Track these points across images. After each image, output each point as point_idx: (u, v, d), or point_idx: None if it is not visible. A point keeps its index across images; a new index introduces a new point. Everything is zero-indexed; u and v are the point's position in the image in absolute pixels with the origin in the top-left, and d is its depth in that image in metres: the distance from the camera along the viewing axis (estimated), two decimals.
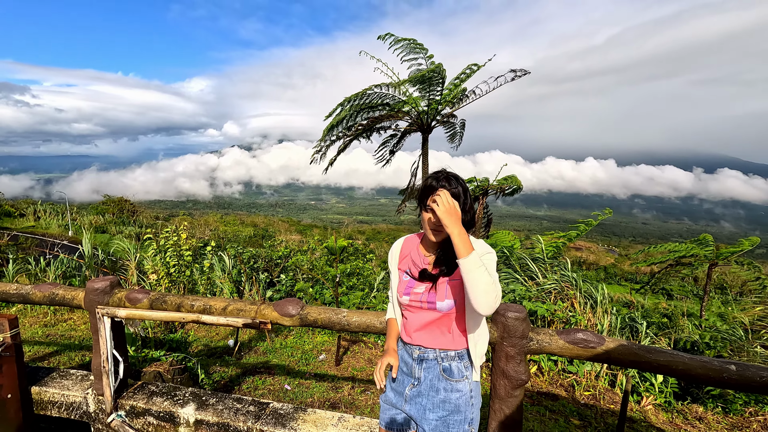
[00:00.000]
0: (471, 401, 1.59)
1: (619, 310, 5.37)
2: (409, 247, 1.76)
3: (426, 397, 1.61)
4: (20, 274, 6.58)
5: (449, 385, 1.58)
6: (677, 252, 8.52)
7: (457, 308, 1.57)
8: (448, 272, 1.56)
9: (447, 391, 1.58)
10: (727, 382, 1.65)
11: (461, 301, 1.56)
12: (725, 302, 10.85)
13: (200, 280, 6.01)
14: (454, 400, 1.58)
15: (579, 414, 3.47)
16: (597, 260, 30.61)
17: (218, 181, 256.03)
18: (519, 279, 5.38)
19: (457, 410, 1.58)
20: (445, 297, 1.56)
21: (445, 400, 1.58)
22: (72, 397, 2.58)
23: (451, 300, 1.56)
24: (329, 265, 5.39)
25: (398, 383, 1.70)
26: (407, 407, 1.66)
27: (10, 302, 2.68)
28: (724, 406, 3.81)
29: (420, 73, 8.95)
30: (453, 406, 1.57)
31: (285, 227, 35.82)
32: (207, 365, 3.77)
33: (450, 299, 1.56)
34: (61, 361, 3.89)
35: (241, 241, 17.69)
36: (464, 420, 1.58)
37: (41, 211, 25.38)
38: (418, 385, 1.63)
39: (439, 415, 1.58)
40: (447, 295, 1.56)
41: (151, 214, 35.60)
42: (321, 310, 2.23)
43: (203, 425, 2.38)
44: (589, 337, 1.84)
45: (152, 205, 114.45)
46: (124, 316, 2.33)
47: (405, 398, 1.66)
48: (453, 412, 1.57)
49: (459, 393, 1.58)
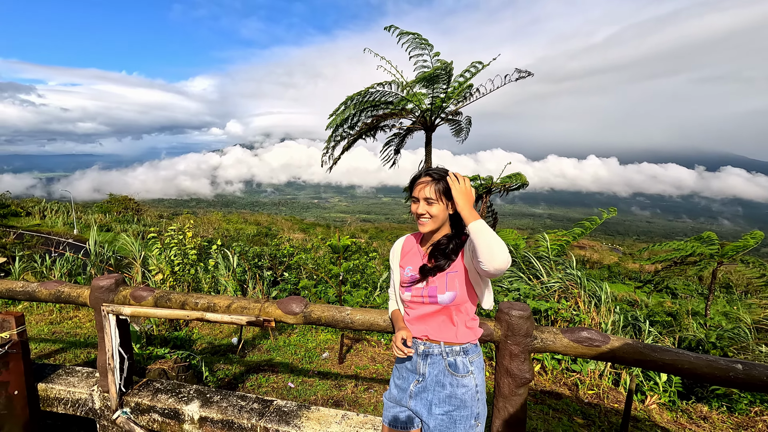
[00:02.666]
0: (477, 396, 1.59)
1: (624, 309, 5.35)
2: (410, 244, 1.78)
3: (432, 392, 1.61)
4: (26, 272, 6.63)
5: (455, 380, 1.58)
6: (681, 250, 8.46)
7: (459, 300, 1.57)
8: (445, 264, 1.58)
9: (453, 386, 1.58)
10: (733, 381, 1.64)
11: (462, 293, 1.57)
12: (730, 301, 10.78)
13: (204, 278, 6.03)
14: (460, 395, 1.58)
15: (583, 413, 3.46)
16: (600, 259, 30.49)
17: (220, 180, 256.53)
18: (523, 277, 5.37)
19: (464, 405, 1.57)
20: (446, 289, 1.57)
21: (451, 395, 1.58)
22: (78, 394, 2.60)
23: (452, 292, 1.57)
24: (333, 263, 5.40)
25: (402, 380, 1.70)
26: (412, 403, 1.66)
27: (16, 300, 2.70)
28: (729, 405, 3.79)
29: (428, 72, 8.92)
30: (459, 401, 1.57)
31: (288, 225, 35.91)
32: (211, 363, 3.79)
33: (451, 291, 1.57)
34: (67, 358, 3.92)
35: (243, 240, 17.74)
36: (471, 415, 1.58)
37: (47, 210, 25.58)
38: (423, 381, 1.63)
39: (445, 410, 1.58)
40: (447, 287, 1.57)
41: (155, 213, 35.78)
42: (325, 308, 2.23)
43: (207, 422, 2.40)
44: (594, 335, 1.83)
45: (155, 203, 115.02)
46: (129, 313, 2.34)
47: (410, 394, 1.66)
48: (459, 407, 1.57)
49: (465, 388, 1.58)
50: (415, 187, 1.61)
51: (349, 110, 9.94)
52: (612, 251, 38.94)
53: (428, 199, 1.57)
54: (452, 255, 1.59)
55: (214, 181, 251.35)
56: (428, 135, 10.52)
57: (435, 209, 1.57)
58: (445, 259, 1.58)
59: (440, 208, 1.58)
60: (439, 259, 1.59)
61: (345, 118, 10.07)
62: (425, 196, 1.57)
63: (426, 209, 1.58)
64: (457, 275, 1.58)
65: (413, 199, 1.63)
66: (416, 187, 1.61)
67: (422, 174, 1.61)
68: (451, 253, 1.59)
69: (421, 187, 1.59)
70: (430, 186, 1.57)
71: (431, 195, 1.56)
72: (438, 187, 1.56)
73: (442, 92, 9.64)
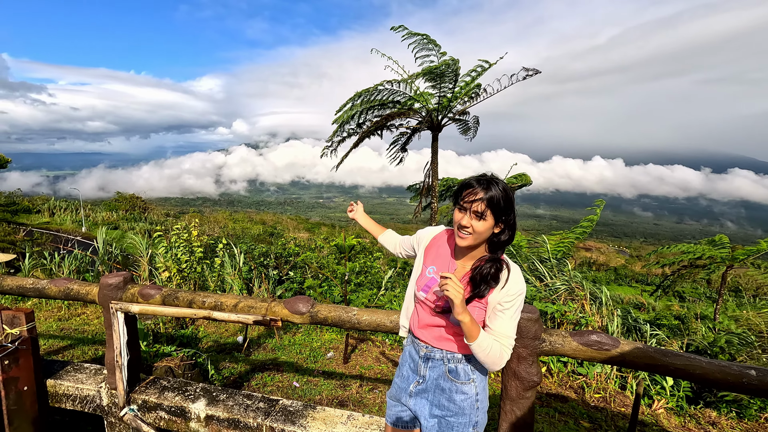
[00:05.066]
0: (476, 404, 1.56)
1: (627, 311, 5.30)
2: (441, 241, 1.67)
3: (432, 394, 1.60)
4: (36, 269, 6.71)
5: (454, 386, 1.55)
6: (691, 253, 8.35)
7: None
8: (485, 291, 1.46)
9: (452, 392, 1.56)
10: (746, 387, 1.61)
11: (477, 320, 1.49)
12: (740, 305, 10.62)
13: (210, 276, 6.07)
14: (459, 402, 1.55)
15: (589, 416, 3.43)
16: (607, 261, 30.20)
17: (224, 179, 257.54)
18: (531, 279, 5.34)
19: (462, 412, 1.55)
20: None
21: (450, 401, 1.56)
22: (86, 391, 2.62)
23: None
24: (338, 263, 5.40)
25: (404, 379, 1.70)
26: (411, 402, 1.66)
27: (26, 296, 2.73)
28: (738, 411, 3.73)
29: (434, 66, 8.87)
30: (457, 408, 1.55)
31: (293, 225, 36.00)
32: (217, 361, 3.80)
33: None
34: (75, 354, 3.96)
35: (248, 239, 17.83)
36: (468, 423, 1.55)
37: (56, 208, 25.91)
38: (423, 383, 1.62)
39: (443, 414, 1.57)
40: None
41: (162, 211, 36.07)
42: (331, 308, 2.23)
43: (213, 420, 2.41)
44: (604, 339, 1.81)
45: (162, 202, 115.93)
46: (137, 311, 2.36)
47: (409, 394, 1.66)
48: (457, 414, 1.55)
49: (464, 395, 1.55)
50: (466, 195, 1.42)
51: (357, 108, 9.92)
52: (619, 253, 38.57)
53: (478, 212, 1.39)
54: (493, 282, 1.45)
55: (219, 179, 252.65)
56: (435, 135, 10.49)
57: (482, 226, 1.41)
58: (486, 286, 1.45)
59: (488, 226, 1.41)
60: (481, 285, 1.46)
61: (352, 116, 10.04)
62: (476, 209, 1.39)
63: (471, 223, 1.41)
64: (479, 307, 1.48)
65: (460, 207, 1.44)
66: (468, 195, 1.42)
67: (479, 182, 1.41)
68: (492, 280, 1.45)
69: (474, 197, 1.39)
70: (484, 200, 1.38)
71: (483, 209, 1.38)
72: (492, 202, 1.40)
73: (449, 91, 9.60)
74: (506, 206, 1.40)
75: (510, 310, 1.45)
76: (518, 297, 1.45)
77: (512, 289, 1.45)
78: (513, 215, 1.43)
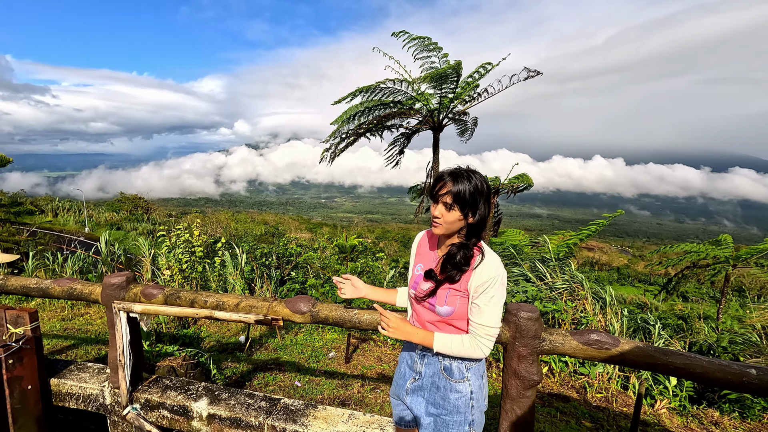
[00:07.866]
0: (471, 403, 1.57)
1: (633, 311, 5.29)
2: (424, 239, 1.75)
3: (428, 391, 1.62)
4: (39, 269, 6.75)
5: (449, 384, 1.57)
6: (694, 253, 8.31)
7: (458, 315, 1.54)
8: (456, 275, 1.50)
9: (447, 390, 1.57)
10: (747, 386, 1.61)
11: (462, 310, 1.53)
12: (743, 305, 10.58)
13: (212, 276, 6.09)
14: (453, 401, 1.56)
15: (591, 416, 3.42)
16: (610, 261, 30.11)
17: (224, 179, 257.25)
18: (532, 278, 5.33)
19: (456, 411, 1.56)
20: (444, 303, 1.53)
21: (445, 399, 1.57)
22: (89, 390, 2.64)
23: (450, 307, 1.52)
24: (340, 263, 5.41)
25: (401, 375, 1.73)
26: (408, 399, 1.68)
27: (30, 296, 2.75)
28: (741, 411, 3.72)
29: (438, 71, 8.86)
30: (452, 406, 1.56)
31: (295, 225, 36.05)
32: (219, 361, 3.82)
33: (449, 306, 1.52)
34: (78, 354, 3.98)
35: (251, 239, 17.87)
36: (464, 421, 1.56)
37: (59, 208, 26.04)
38: (419, 380, 1.65)
39: (438, 412, 1.58)
40: (447, 302, 1.52)
41: (164, 212, 36.18)
42: (332, 307, 2.24)
43: (216, 419, 2.42)
44: (604, 338, 1.81)
45: (164, 202, 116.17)
46: (139, 311, 2.37)
47: (406, 391, 1.69)
48: (452, 412, 1.56)
49: (459, 394, 1.56)
50: (439, 188, 1.49)
51: (358, 107, 9.90)
52: (621, 253, 38.42)
53: (447, 204, 1.46)
54: (463, 266, 1.50)
55: (218, 180, 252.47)
56: (436, 135, 10.48)
57: (450, 216, 1.47)
58: (456, 271, 1.50)
59: (456, 216, 1.47)
60: (450, 270, 1.51)
61: (353, 115, 10.02)
62: (445, 201, 1.46)
63: (442, 212, 1.48)
64: (459, 295, 1.52)
65: (433, 197, 1.52)
66: (440, 187, 1.49)
67: (446, 175, 1.49)
68: (462, 264, 1.49)
69: (444, 190, 1.47)
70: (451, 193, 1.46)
71: (450, 202, 1.46)
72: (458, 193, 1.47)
73: (450, 92, 9.59)
74: (472, 199, 1.45)
75: (484, 296, 1.47)
76: (492, 282, 1.46)
77: (485, 274, 1.46)
78: (483, 207, 1.48)
